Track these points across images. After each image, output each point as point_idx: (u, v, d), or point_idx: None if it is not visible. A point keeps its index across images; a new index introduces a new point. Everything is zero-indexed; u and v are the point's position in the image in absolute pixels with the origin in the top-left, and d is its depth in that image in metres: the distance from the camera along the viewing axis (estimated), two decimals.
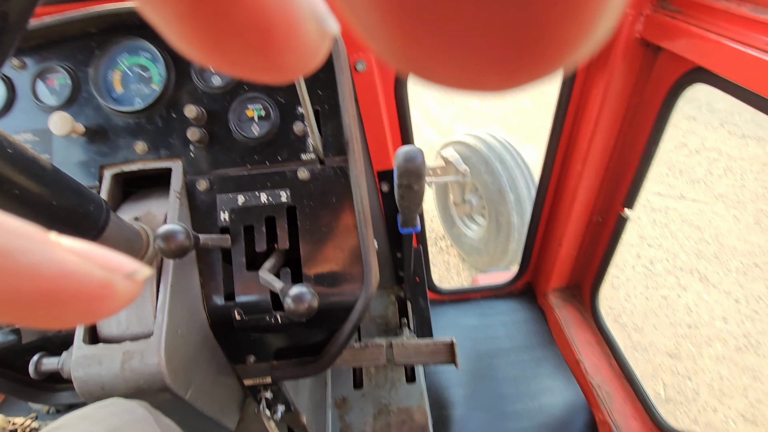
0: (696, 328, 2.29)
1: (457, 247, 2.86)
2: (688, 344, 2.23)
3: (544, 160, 1.16)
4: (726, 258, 2.61)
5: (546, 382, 1.15)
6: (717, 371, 2.09)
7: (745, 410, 1.94)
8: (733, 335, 2.23)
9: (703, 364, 2.12)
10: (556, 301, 1.28)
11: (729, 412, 1.93)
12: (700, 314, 2.34)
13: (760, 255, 2.59)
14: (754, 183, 3.09)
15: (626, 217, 1.05)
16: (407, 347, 1.01)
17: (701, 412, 1.93)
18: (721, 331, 2.26)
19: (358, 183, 0.63)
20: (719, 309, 2.35)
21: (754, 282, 2.45)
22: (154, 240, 0.51)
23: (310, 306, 0.53)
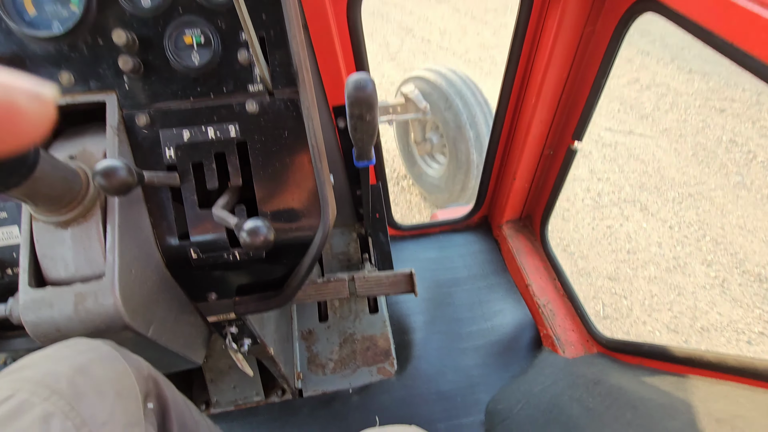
0: (634, 253, 2.51)
1: (419, 186, 2.91)
2: (626, 268, 2.46)
3: (500, 95, 1.17)
4: (665, 189, 2.82)
5: (498, 305, 1.25)
6: (649, 290, 2.34)
7: (669, 322, 2.21)
8: (665, 258, 2.47)
9: (637, 285, 2.36)
10: (509, 232, 1.35)
11: (656, 324, 2.19)
12: (639, 241, 2.56)
13: (695, 185, 2.81)
14: (695, 117, 3.27)
15: (575, 149, 1.09)
16: (369, 280, 1.05)
17: (633, 325, 2.18)
18: (656, 255, 2.49)
19: (311, 116, 0.61)
20: (655, 235, 2.57)
21: (687, 210, 2.68)
22: (94, 177, 0.48)
23: (266, 239, 0.53)
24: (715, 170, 2.89)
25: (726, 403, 0.65)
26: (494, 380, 1.11)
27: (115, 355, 0.51)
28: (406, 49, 4.35)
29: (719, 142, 3.06)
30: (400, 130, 2.88)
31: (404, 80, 2.68)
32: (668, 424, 0.68)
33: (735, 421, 0.61)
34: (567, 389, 0.93)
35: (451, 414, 1.06)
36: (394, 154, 3.27)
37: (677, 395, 0.73)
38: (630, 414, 0.75)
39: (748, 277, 2.35)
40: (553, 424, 0.86)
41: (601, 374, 0.91)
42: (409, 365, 1.14)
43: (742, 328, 2.18)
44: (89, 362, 0.48)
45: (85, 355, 0.48)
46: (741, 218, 2.60)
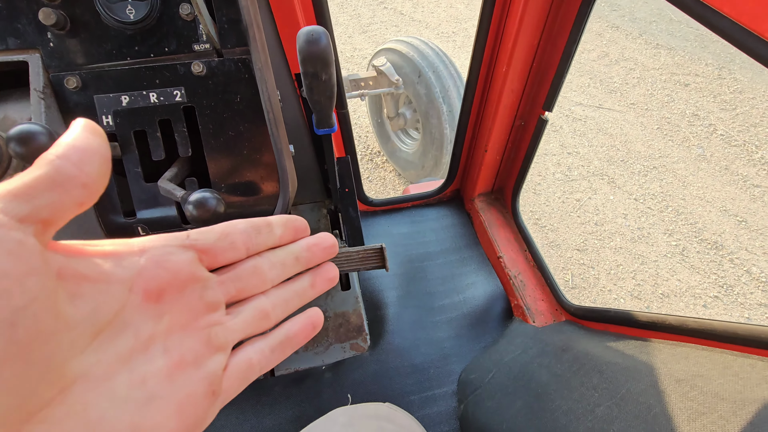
0: (601, 225, 2.58)
1: (393, 163, 2.87)
2: (594, 239, 2.53)
3: (471, 64, 1.13)
4: (631, 162, 2.89)
5: (470, 278, 1.25)
6: (614, 260, 2.42)
7: (633, 289, 2.30)
8: (630, 229, 2.55)
9: (604, 255, 2.44)
10: (481, 205, 1.34)
11: (620, 292, 2.28)
12: (606, 213, 2.63)
13: (659, 158, 2.90)
14: (661, 92, 3.34)
15: (546, 119, 1.08)
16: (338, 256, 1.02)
17: (599, 294, 2.26)
18: (621, 226, 2.58)
19: (264, 78, 0.56)
20: (621, 207, 2.65)
21: (652, 182, 2.77)
22: (8, 144, 0.42)
23: (215, 212, 0.48)
24: (678, 143, 2.98)
25: (686, 363, 0.67)
26: (467, 351, 1.12)
27: None
28: (378, 21, 4.22)
29: (683, 115, 3.15)
30: (372, 105, 2.82)
31: (376, 52, 2.60)
32: (632, 386, 0.69)
33: (695, 380, 0.62)
34: (536, 357, 0.94)
35: (424, 386, 1.06)
36: (368, 130, 3.20)
37: (640, 358, 0.75)
38: (596, 378, 0.76)
39: (706, 245, 2.46)
40: (522, 390, 0.88)
41: (568, 341, 0.93)
42: (383, 340, 1.14)
43: (699, 293, 2.30)
44: None
45: None
46: (701, 189, 2.71)
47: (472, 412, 0.96)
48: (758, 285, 2.31)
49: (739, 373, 0.59)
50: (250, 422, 1.01)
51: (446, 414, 1.02)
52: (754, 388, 0.55)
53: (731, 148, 2.92)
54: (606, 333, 0.91)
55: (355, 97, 2.53)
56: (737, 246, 2.45)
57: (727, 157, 2.87)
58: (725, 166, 2.83)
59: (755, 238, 2.48)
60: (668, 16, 4.03)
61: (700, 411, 0.57)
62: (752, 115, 3.12)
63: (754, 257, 2.40)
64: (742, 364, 0.60)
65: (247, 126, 0.60)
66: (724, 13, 0.52)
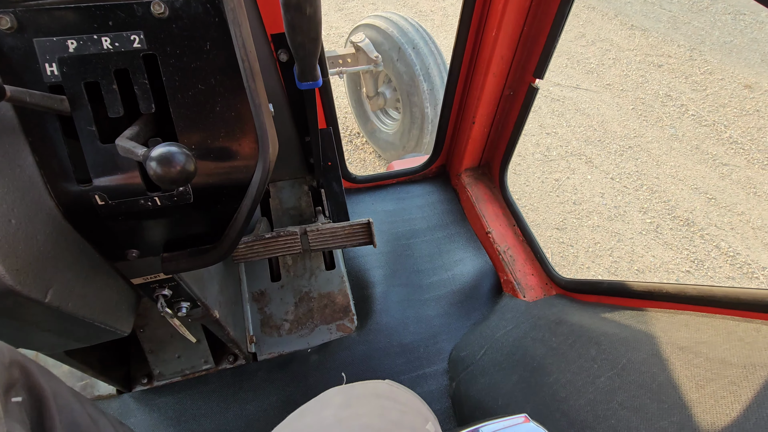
0: (579, 204, 2.61)
1: (372, 144, 2.80)
2: (573, 218, 2.56)
3: (458, 30, 1.07)
4: (608, 142, 2.93)
5: (458, 254, 1.22)
6: (592, 238, 2.46)
7: (610, 266, 2.34)
8: (607, 207, 2.59)
9: (582, 234, 2.47)
10: (468, 180, 1.30)
11: (598, 268, 2.32)
12: (584, 192, 2.66)
13: (634, 138, 2.94)
14: (636, 73, 3.38)
15: (536, 87, 1.04)
16: (323, 232, 0.96)
17: (578, 271, 2.29)
18: (599, 205, 2.61)
19: (238, 21, 0.48)
20: (599, 186, 2.69)
21: (627, 161, 2.81)
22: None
23: (183, 169, 0.41)
24: (652, 123, 3.03)
25: (687, 331, 0.65)
26: (456, 329, 1.09)
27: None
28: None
29: (656, 96, 3.20)
30: (351, 84, 2.72)
31: (354, 28, 2.50)
32: (632, 356, 0.67)
33: (698, 348, 0.61)
34: (530, 331, 0.92)
35: (414, 365, 1.03)
36: (346, 110, 3.11)
37: (639, 328, 0.73)
38: (594, 350, 0.74)
39: (678, 222, 2.53)
40: (517, 365, 0.85)
41: (562, 314, 0.91)
42: (370, 320, 1.09)
43: (672, 268, 2.36)
44: None
45: None
46: (673, 168, 2.77)
47: (465, 390, 0.93)
48: (726, 259, 2.39)
49: (744, 338, 0.58)
50: (232, 410, 0.95)
51: (438, 392, 0.99)
52: (763, 351, 0.54)
53: (702, 128, 3.00)
54: (600, 305, 0.89)
55: (334, 75, 2.43)
56: (707, 222, 2.53)
57: (697, 137, 2.95)
58: (696, 145, 2.90)
59: (723, 214, 2.56)
60: None
61: (708, 377, 0.55)
62: (721, 95, 3.20)
63: (722, 233, 2.48)
64: (746, 329, 0.59)
65: (219, 78, 0.53)
66: None
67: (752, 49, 3.60)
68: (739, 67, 3.44)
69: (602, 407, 0.62)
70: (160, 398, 1.02)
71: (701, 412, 0.51)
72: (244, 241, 0.93)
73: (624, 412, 0.59)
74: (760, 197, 2.63)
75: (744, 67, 3.45)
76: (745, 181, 2.71)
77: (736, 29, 3.79)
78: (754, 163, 2.79)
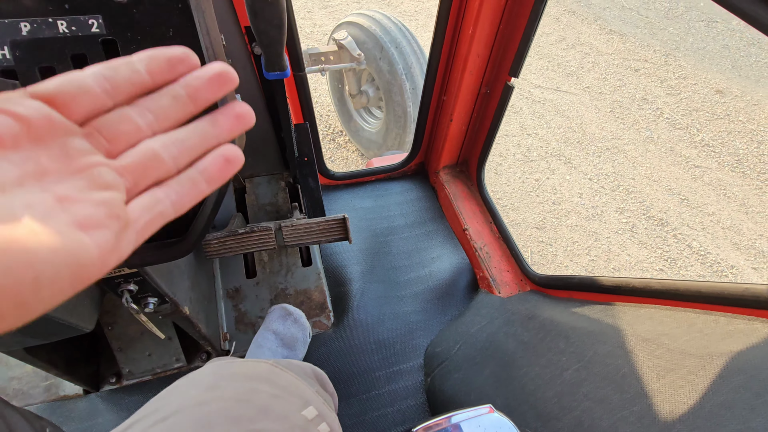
0: (558, 204, 2.66)
1: (355, 142, 2.79)
2: (552, 218, 2.60)
3: (435, 29, 1.08)
4: (586, 143, 2.98)
5: (436, 251, 1.22)
6: (571, 237, 2.50)
7: (587, 265, 2.39)
8: (585, 207, 2.64)
9: (561, 233, 2.51)
10: (446, 178, 1.31)
11: (576, 267, 2.36)
12: (563, 192, 2.70)
13: (611, 140, 3.01)
14: (614, 76, 3.46)
15: (512, 86, 1.06)
16: (297, 228, 0.95)
17: (557, 270, 2.33)
18: (577, 205, 2.66)
19: (201, 8, 0.47)
20: (577, 187, 2.74)
21: (605, 163, 2.87)
22: None
23: None
24: (629, 126, 3.11)
25: (651, 323, 0.67)
26: (433, 325, 1.09)
27: None
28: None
29: (633, 99, 3.28)
30: (334, 82, 2.71)
31: (337, 25, 2.49)
32: (599, 349, 0.69)
33: (660, 339, 0.62)
34: (503, 326, 0.93)
35: (390, 361, 1.03)
36: (329, 109, 3.09)
37: (606, 321, 0.74)
38: (563, 343, 0.75)
39: (653, 222, 2.60)
40: (490, 360, 0.86)
41: (534, 309, 0.92)
42: (347, 317, 1.09)
43: (646, 267, 2.43)
44: None
45: None
46: (649, 170, 2.85)
47: (439, 385, 0.94)
48: (698, 258, 2.47)
49: (703, 330, 0.59)
50: None
51: (413, 388, 1.00)
52: (719, 342, 0.56)
53: (676, 131, 3.09)
54: (571, 300, 0.91)
55: (315, 72, 2.42)
56: (680, 222, 2.60)
57: (672, 140, 3.03)
58: (670, 147, 2.99)
59: (695, 214, 2.64)
60: (621, 3, 4.17)
61: (668, 368, 0.57)
62: (694, 100, 3.30)
63: (694, 233, 2.56)
64: (705, 321, 0.61)
65: None
66: None
67: (724, 56, 3.73)
68: (712, 72, 3.55)
69: (568, 399, 0.63)
70: (129, 397, 1.00)
71: (661, 401, 0.53)
72: (216, 237, 0.92)
73: (588, 403, 0.60)
74: (729, 198, 2.72)
75: (716, 72, 3.56)
76: (716, 182, 2.80)
77: (709, 36, 3.92)
78: (724, 165, 2.89)
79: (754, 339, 0.52)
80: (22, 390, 0.96)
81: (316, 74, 2.46)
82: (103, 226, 0.20)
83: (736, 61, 3.71)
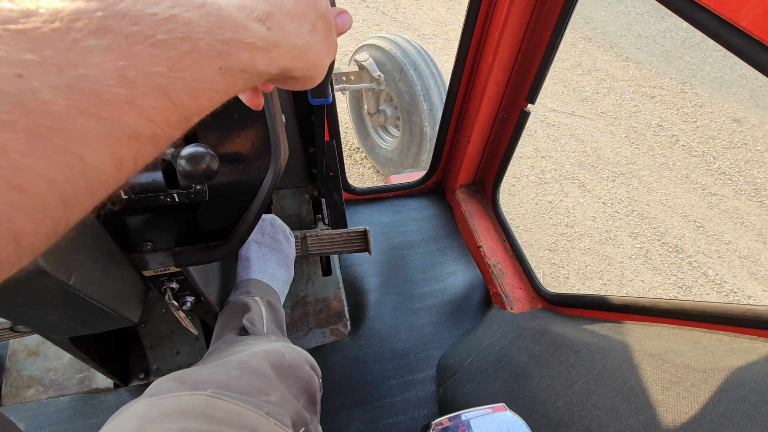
0: (572, 227, 2.67)
1: (372, 159, 2.87)
2: (565, 240, 2.62)
3: (457, 55, 1.15)
4: (601, 167, 3.01)
5: (450, 266, 1.27)
6: (583, 260, 2.51)
7: (600, 289, 2.39)
8: (599, 231, 2.66)
9: (574, 256, 2.53)
10: (462, 196, 1.36)
11: (588, 291, 2.36)
12: (576, 215, 2.72)
13: (626, 165, 3.03)
14: (629, 102, 3.50)
15: (528, 111, 1.11)
16: (321, 238, 1.01)
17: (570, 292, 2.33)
18: (590, 228, 2.67)
19: None
20: (591, 210, 2.76)
21: (619, 187, 2.89)
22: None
23: (208, 167, 0.46)
24: (643, 151, 3.13)
25: (659, 340, 0.70)
26: (446, 337, 1.13)
27: None
28: (359, 19, 4.22)
29: (648, 125, 3.31)
30: (353, 101, 2.81)
31: (358, 47, 2.60)
32: (608, 363, 0.72)
33: (667, 355, 0.65)
34: (515, 341, 0.96)
35: (403, 371, 1.07)
36: (347, 126, 3.19)
37: (615, 338, 0.78)
38: (573, 357, 0.79)
39: (667, 248, 2.59)
40: (501, 372, 0.89)
41: (546, 325, 0.95)
42: (363, 326, 1.13)
43: (660, 293, 2.41)
44: None
45: None
46: (663, 195, 2.85)
47: (452, 395, 0.97)
48: (713, 287, 2.44)
49: (708, 347, 0.63)
50: None
51: (425, 398, 1.03)
52: (722, 358, 0.59)
53: (692, 158, 3.09)
54: (582, 317, 0.94)
55: (337, 91, 2.52)
56: (695, 250, 2.59)
57: (687, 166, 3.04)
58: (686, 174, 2.99)
59: (711, 242, 2.63)
60: (637, 32, 4.24)
61: (673, 381, 0.60)
62: (711, 128, 3.32)
63: (710, 260, 2.54)
64: (710, 339, 0.64)
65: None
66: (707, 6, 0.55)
67: (741, 85, 3.75)
68: (729, 101, 3.57)
69: (578, 408, 0.66)
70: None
71: (665, 411, 0.56)
72: None
73: (597, 412, 0.63)
74: (746, 227, 2.70)
75: (733, 101, 3.58)
76: (732, 211, 2.79)
77: (726, 65, 3.95)
78: (742, 194, 2.88)
79: (755, 356, 0.55)
80: (57, 381, 1.02)
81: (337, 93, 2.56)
82: None
83: (754, 90, 3.72)
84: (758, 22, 0.52)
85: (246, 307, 0.83)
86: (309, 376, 0.68)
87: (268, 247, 0.97)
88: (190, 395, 0.50)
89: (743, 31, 0.55)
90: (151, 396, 0.52)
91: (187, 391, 0.51)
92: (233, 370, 0.59)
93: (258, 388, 0.57)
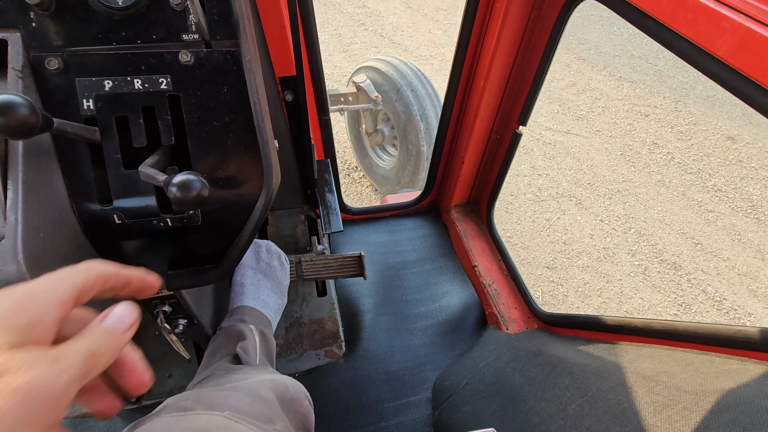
0: (569, 244, 2.68)
1: (370, 178, 2.90)
2: (563, 258, 2.61)
3: (450, 78, 1.18)
4: (597, 185, 3.03)
5: (446, 286, 1.27)
6: (582, 278, 2.51)
7: (599, 307, 2.38)
8: (597, 248, 2.66)
9: (572, 273, 2.52)
10: (457, 216, 1.37)
11: (587, 309, 2.35)
12: (574, 233, 2.73)
13: (622, 182, 3.06)
14: (624, 120, 3.55)
15: (520, 133, 1.13)
16: (316, 263, 1.01)
17: (568, 311, 2.32)
18: (588, 246, 2.68)
19: (252, 70, 0.56)
20: (588, 228, 2.76)
21: (616, 205, 2.91)
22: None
23: (199, 195, 0.48)
24: (639, 169, 3.16)
25: (652, 362, 0.70)
26: (441, 359, 1.12)
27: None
28: (358, 42, 4.32)
29: (643, 143, 3.35)
30: (351, 120, 2.86)
31: (356, 69, 2.66)
32: (601, 385, 0.71)
33: (659, 377, 0.65)
34: (510, 362, 0.96)
35: (399, 393, 1.05)
36: (346, 145, 3.23)
37: (609, 359, 0.77)
38: (567, 379, 0.78)
39: (666, 265, 2.59)
40: (497, 395, 0.89)
41: (541, 346, 0.95)
42: (358, 347, 1.12)
43: (660, 311, 2.40)
44: None
45: None
46: (660, 213, 2.86)
47: (447, 418, 0.96)
48: (713, 304, 2.43)
49: (699, 369, 0.62)
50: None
51: (421, 421, 1.01)
52: (713, 380, 0.59)
53: (687, 175, 3.12)
54: (576, 338, 0.94)
55: (335, 112, 2.56)
56: (694, 267, 2.59)
57: (683, 183, 3.06)
58: (682, 191, 3.01)
59: (710, 259, 2.62)
60: (630, 52, 4.33)
61: (665, 404, 0.60)
62: (705, 145, 3.35)
63: (709, 278, 2.53)
64: (702, 360, 0.64)
65: (232, 117, 0.60)
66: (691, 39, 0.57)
67: (734, 104, 3.81)
68: (722, 119, 3.62)
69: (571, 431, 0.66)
70: None
71: None
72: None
73: None
74: (744, 244, 2.70)
75: (726, 119, 3.63)
76: (730, 227, 2.79)
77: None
78: (738, 210, 2.89)
79: (745, 378, 0.55)
80: None
81: (335, 113, 2.60)
82: None
83: (747, 108, 3.77)
84: (733, 51, 0.54)
85: (241, 335, 0.83)
86: (307, 412, 0.69)
87: (263, 273, 0.98)
88: (210, 415, 0.51)
89: (720, 60, 0.57)
90: (169, 413, 0.52)
91: (206, 411, 0.52)
92: (244, 396, 0.60)
93: (266, 416, 0.58)
